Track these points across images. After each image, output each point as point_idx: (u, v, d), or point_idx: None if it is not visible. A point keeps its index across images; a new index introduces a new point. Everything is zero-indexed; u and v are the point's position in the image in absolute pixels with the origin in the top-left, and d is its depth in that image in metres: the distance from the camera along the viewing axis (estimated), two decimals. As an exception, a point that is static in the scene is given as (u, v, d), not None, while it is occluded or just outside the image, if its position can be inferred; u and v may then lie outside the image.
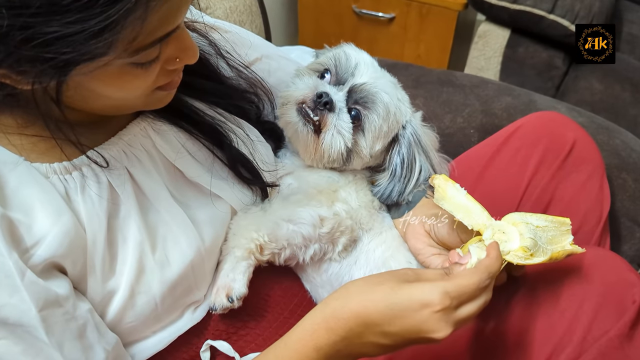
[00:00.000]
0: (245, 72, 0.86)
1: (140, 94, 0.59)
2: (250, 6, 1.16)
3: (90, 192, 0.62)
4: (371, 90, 0.79)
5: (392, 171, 0.85)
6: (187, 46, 0.59)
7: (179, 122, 0.75)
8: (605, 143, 1.02)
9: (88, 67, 0.49)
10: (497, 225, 0.70)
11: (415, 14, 1.90)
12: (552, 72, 1.62)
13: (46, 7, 0.43)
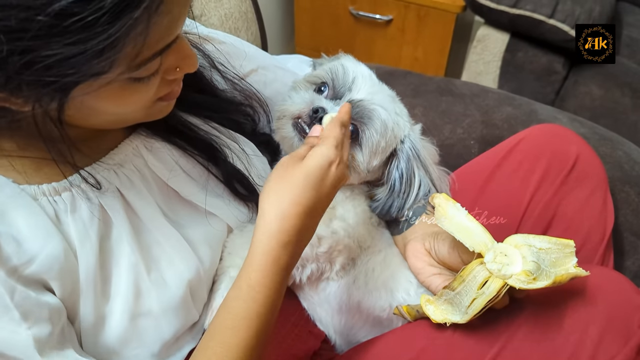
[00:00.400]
0: (240, 84, 0.84)
1: (141, 107, 0.58)
2: (245, 13, 1.13)
3: (81, 214, 0.60)
4: (368, 106, 0.77)
5: (391, 186, 0.83)
6: (187, 54, 0.58)
7: (172, 139, 0.73)
8: (608, 155, 1.01)
9: (89, 86, 0.48)
10: (499, 248, 0.69)
11: (413, 16, 1.88)
12: (551, 77, 1.60)
13: (46, 29, 0.42)
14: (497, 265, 0.67)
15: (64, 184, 0.60)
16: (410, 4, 1.86)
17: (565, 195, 0.85)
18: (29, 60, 0.43)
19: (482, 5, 1.57)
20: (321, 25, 2.05)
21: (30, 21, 0.41)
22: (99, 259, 0.61)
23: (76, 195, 0.61)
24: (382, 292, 0.80)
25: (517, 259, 0.68)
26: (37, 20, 0.41)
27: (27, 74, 0.44)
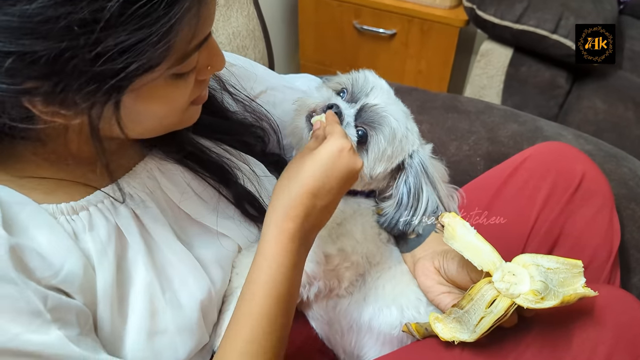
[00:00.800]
0: (251, 106, 0.85)
1: (178, 110, 0.60)
2: (253, 31, 1.15)
3: (99, 232, 0.62)
4: (380, 112, 0.79)
5: (399, 200, 0.84)
6: (217, 52, 0.60)
7: (184, 161, 0.74)
8: (613, 172, 1.01)
9: (141, 81, 0.50)
10: (507, 267, 0.69)
11: (417, 30, 1.90)
12: (555, 91, 1.61)
13: (115, 18, 0.44)
14: (505, 284, 0.68)
15: (81, 203, 0.61)
16: (413, 18, 1.87)
17: (571, 214, 0.86)
18: (98, 52, 0.45)
19: (486, 20, 1.59)
20: (326, 39, 2.06)
21: (101, 11, 0.43)
22: (116, 278, 0.62)
23: (93, 214, 0.62)
24: (393, 309, 0.80)
25: (525, 278, 0.68)
26: (108, 9, 0.43)
27: (93, 66, 0.45)
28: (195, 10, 0.49)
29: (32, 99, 0.48)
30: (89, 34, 0.44)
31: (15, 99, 0.48)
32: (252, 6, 1.15)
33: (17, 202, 0.57)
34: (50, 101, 0.48)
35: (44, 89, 0.47)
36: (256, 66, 0.94)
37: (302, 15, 2.04)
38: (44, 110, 0.50)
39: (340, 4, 1.94)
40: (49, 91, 0.47)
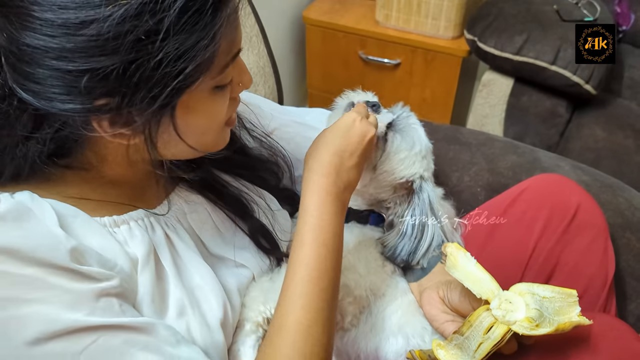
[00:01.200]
0: (267, 142, 0.90)
1: (218, 126, 0.65)
2: (263, 67, 1.20)
3: (139, 245, 0.66)
4: (410, 122, 0.90)
5: (404, 230, 0.88)
6: (245, 70, 0.66)
7: (206, 193, 0.79)
8: (609, 202, 1.05)
9: (191, 92, 0.55)
10: (504, 295, 0.73)
11: (421, 60, 1.96)
12: (555, 119, 1.66)
13: (173, 25, 0.50)
14: (501, 311, 0.71)
15: (123, 218, 0.66)
16: (417, 49, 1.94)
17: (567, 244, 0.89)
18: (159, 59, 0.50)
19: (487, 52, 1.64)
20: (332, 68, 2.13)
21: (162, 21, 0.49)
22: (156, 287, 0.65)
23: (133, 228, 0.66)
24: (399, 338, 0.84)
25: (520, 306, 0.72)
26: (168, 17, 0.49)
27: (155, 76, 0.51)
28: (233, 19, 0.56)
29: (100, 118, 0.54)
30: (152, 43, 0.50)
31: (85, 118, 0.54)
32: (262, 44, 1.21)
33: (69, 214, 0.61)
34: (115, 120, 0.54)
35: (111, 105, 0.52)
36: (269, 103, 1.00)
37: (310, 45, 2.11)
38: (109, 131, 0.56)
39: (346, 35, 2.01)
40: (115, 107, 0.52)
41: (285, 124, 0.96)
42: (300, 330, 0.63)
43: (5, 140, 0.57)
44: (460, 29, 1.87)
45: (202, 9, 0.51)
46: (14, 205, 0.55)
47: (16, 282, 0.52)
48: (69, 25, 0.48)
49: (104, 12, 0.48)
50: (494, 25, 1.64)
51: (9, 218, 0.54)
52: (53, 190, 0.63)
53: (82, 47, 0.49)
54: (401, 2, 1.88)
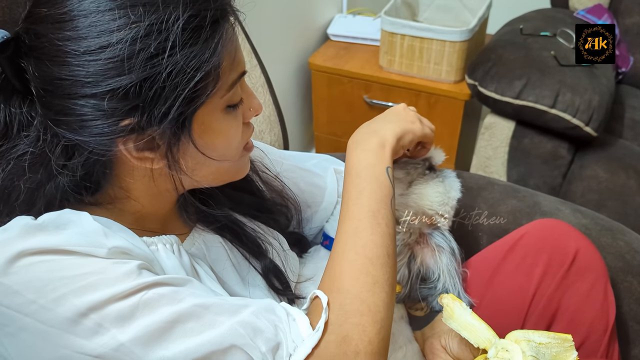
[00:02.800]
0: (277, 186, 0.94)
1: (236, 150, 0.68)
2: (269, 116, 1.25)
3: (168, 263, 0.68)
4: (455, 176, 0.95)
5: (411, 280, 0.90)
6: (253, 95, 0.70)
7: (223, 233, 0.82)
8: (609, 245, 1.06)
9: (203, 111, 0.60)
10: (501, 344, 0.75)
11: (424, 103, 2.00)
12: (557, 161, 1.68)
13: (179, 39, 0.56)
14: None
15: (152, 239, 0.69)
16: (420, 93, 1.99)
17: (567, 289, 0.91)
18: (169, 72, 0.55)
19: (488, 96, 1.69)
20: (337, 112, 2.18)
21: (167, 39, 0.55)
22: None
23: (161, 250, 0.69)
24: None
25: (517, 353, 0.73)
26: (173, 33, 0.55)
27: (168, 88, 0.56)
28: (232, 36, 0.61)
29: (126, 140, 0.59)
30: (162, 59, 0.55)
31: (112, 140, 0.58)
32: (268, 94, 1.26)
33: (106, 223, 0.63)
34: (139, 142, 0.59)
35: (134, 125, 0.57)
36: (272, 150, 1.03)
37: (315, 90, 2.17)
38: (136, 156, 0.60)
39: (351, 80, 2.07)
40: (138, 127, 0.57)
41: (288, 169, 0.99)
42: None
43: (41, 176, 0.62)
44: (461, 73, 1.92)
45: (201, 24, 0.57)
46: (54, 216, 0.60)
47: (63, 267, 0.56)
48: (90, 52, 0.55)
49: (118, 36, 0.54)
50: (494, 71, 1.69)
51: (50, 227, 0.58)
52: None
53: (102, 69, 0.55)
54: (404, 48, 1.94)
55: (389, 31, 1.93)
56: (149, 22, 0.55)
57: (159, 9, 0.55)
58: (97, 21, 0.55)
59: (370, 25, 2.19)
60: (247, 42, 1.23)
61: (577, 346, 0.89)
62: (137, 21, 0.55)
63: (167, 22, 0.55)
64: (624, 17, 2.02)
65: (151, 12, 0.55)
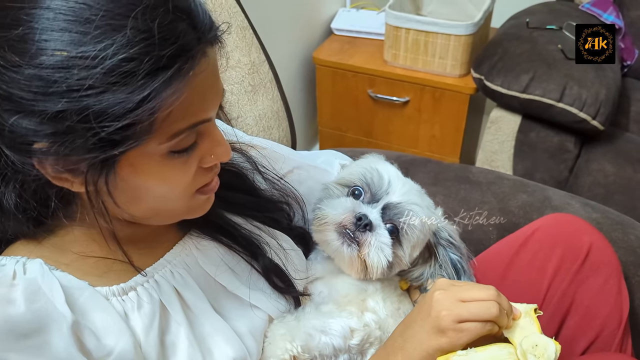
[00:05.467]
0: (279, 184, 0.93)
1: (181, 193, 0.64)
2: (277, 112, 1.25)
3: (146, 310, 0.68)
4: (406, 207, 0.85)
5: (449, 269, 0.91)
6: (219, 141, 0.64)
7: (218, 237, 0.81)
8: (621, 240, 1.06)
9: (135, 153, 0.56)
10: (526, 345, 0.70)
11: (429, 97, 2.00)
12: (564, 155, 1.68)
13: (99, 83, 0.50)
14: (540, 359, 0.69)
15: (130, 284, 0.68)
16: (425, 87, 1.98)
17: (580, 284, 0.91)
18: (89, 113, 0.51)
19: (494, 90, 1.68)
20: (342, 107, 2.17)
21: (90, 77, 0.50)
22: (160, 351, 0.67)
23: (141, 294, 0.69)
24: None
25: (546, 340, 0.70)
26: (96, 74, 0.50)
27: (87, 130, 0.51)
28: (178, 89, 0.53)
29: (42, 161, 0.55)
30: (80, 96, 0.50)
31: (26, 159, 0.55)
32: (276, 90, 1.25)
33: (77, 287, 0.64)
34: (56, 164, 0.55)
35: (50, 149, 0.53)
36: (282, 148, 1.03)
37: (320, 85, 2.16)
38: (54, 175, 0.57)
39: (355, 74, 2.06)
40: (54, 152, 0.53)
41: (299, 166, 0.99)
42: None
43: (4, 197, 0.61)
44: (467, 67, 1.92)
45: (135, 70, 0.51)
46: (26, 285, 0.60)
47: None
48: (19, 66, 0.51)
49: (40, 60, 0.50)
50: (500, 65, 1.68)
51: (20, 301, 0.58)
52: (65, 251, 0.66)
53: (20, 91, 0.51)
54: (409, 42, 1.93)
55: (394, 25, 1.92)
56: (77, 53, 0.50)
57: (94, 40, 0.50)
58: (46, 39, 0.51)
59: (374, 19, 2.18)
60: (255, 37, 1.23)
61: (591, 340, 0.90)
62: (66, 49, 0.50)
63: (93, 59, 0.50)
64: (629, 10, 2.02)
65: (85, 42, 0.50)
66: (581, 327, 0.90)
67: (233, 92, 1.17)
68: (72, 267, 0.66)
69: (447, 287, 0.73)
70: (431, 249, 0.93)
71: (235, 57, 1.17)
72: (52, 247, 0.67)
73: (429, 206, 0.90)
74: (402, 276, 0.94)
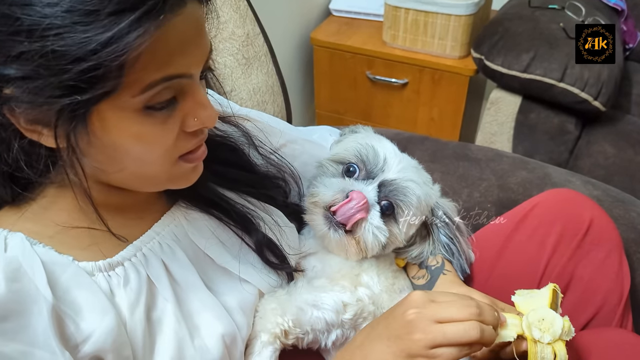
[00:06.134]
0: (275, 159, 0.90)
1: (162, 158, 0.60)
2: (272, 86, 1.22)
3: (132, 286, 0.66)
4: (402, 184, 0.83)
5: (444, 249, 0.91)
6: (204, 104, 0.60)
7: (210, 210, 0.79)
8: (622, 217, 1.04)
9: (106, 106, 0.53)
10: (533, 317, 0.69)
11: (428, 79, 1.97)
12: (564, 136, 1.65)
13: (62, 20, 0.48)
14: (547, 334, 0.67)
15: (117, 259, 0.66)
16: (424, 68, 1.95)
17: (581, 259, 0.88)
18: (54, 54, 0.48)
19: (494, 70, 1.65)
20: (340, 89, 2.14)
21: (50, 16, 0.47)
22: (146, 328, 0.65)
23: (128, 269, 0.66)
24: None
25: (552, 314, 0.68)
26: (55, 14, 0.47)
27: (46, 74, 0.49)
28: (147, 32, 0.50)
29: (12, 110, 0.53)
30: (43, 36, 0.48)
31: None
32: (271, 64, 1.22)
33: (59, 263, 0.61)
34: (26, 113, 0.53)
35: (17, 96, 0.51)
36: (277, 121, 1.00)
37: (317, 66, 2.13)
38: (25, 127, 0.55)
39: (354, 55, 2.03)
40: (20, 99, 0.51)
41: (293, 140, 0.96)
42: None
43: None
44: (467, 48, 1.89)
45: (99, 10, 0.48)
46: (7, 263, 0.57)
47: None
48: None
49: None
50: (501, 44, 1.65)
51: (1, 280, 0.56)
52: (42, 217, 0.64)
53: None
54: (408, 22, 1.90)
55: (393, 5, 1.89)
56: None
57: None
58: None
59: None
60: (250, 9, 1.20)
61: (591, 316, 0.88)
62: None
63: None
64: (632, -8, 1.98)
65: None
66: (581, 303, 0.88)
67: (226, 64, 1.14)
68: (56, 240, 0.63)
69: (423, 304, 0.65)
70: (428, 227, 0.91)
71: (229, 28, 1.14)
72: (35, 217, 0.64)
73: (426, 182, 0.88)
74: (401, 255, 0.92)
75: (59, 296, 0.59)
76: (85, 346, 0.60)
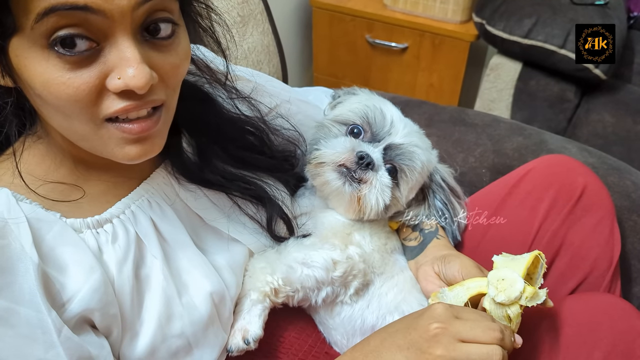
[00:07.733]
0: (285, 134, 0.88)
1: (78, 112, 0.54)
2: (267, 46, 1.19)
3: (120, 243, 0.65)
4: (409, 149, 0.83)
5: (436, 210, 0.91)
6: (129, 60, 0.52)
7: (208, 185, 0.78)
8: (616, 184, 1.04)
9: (16, 42, 0.51)
10: (493, 277, 0.68)
11: (428, 44, 1.94)
12: (563, 104, 1.64)
13: None
14: (503, 294, 0.66)
15: (105, 216, 0.65)
16: (425, 33, 1.92)
17: (572, 224, 0.88)
18: None
19: (495, 35, 1.62)
20: (338, 53, 2.11)
21: None
22: (134, 286, 0.65)
23: (116, 225, 0.66)
24: (395, 315, 0.84)
25: (514, 277, 0.67)
26: None
27: None
28: None
29: None
30: None
31: None
32: (267, 22, 1.20)
33: (45, 220, 0.60)
34: None
35: None
36: (272, 81, 0.98)
37: (316, 29, 2.09)
38: None
39: (354, 18, 1.99)
40: None
41: (288, 100, 0.94)
42: None
43: None
44: (468, 12, 1.85)
45: None
46: None
47: None
48: None
49: None
50: (503, 8, 1.62)
51: None
52: (27, 171, 0.62)
53: None
54: (409, -15, 1.86)
55: (395, -34, 1.84)
56: None
57: None
58: None
59: (375, -40, 2.09)
60: (246, -35, 1.16)
61: (580, 281, 0.88)
62: None
63: None
64: (640, -42, 1.93)
65: None
66: (570, 268, 0.88)
67: (220, 23, 1.11)
68: (43, 196, 0.62)
69: (447, 319, 0.63)
70: (424, 191, 0.91)
71: (224, -15, 1.11)
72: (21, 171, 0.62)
73: (428, 148, 0.88)
74: (395, 218, 0.91)
75: (44, 255, 0.59)
76: (72, 305, 0.59)
